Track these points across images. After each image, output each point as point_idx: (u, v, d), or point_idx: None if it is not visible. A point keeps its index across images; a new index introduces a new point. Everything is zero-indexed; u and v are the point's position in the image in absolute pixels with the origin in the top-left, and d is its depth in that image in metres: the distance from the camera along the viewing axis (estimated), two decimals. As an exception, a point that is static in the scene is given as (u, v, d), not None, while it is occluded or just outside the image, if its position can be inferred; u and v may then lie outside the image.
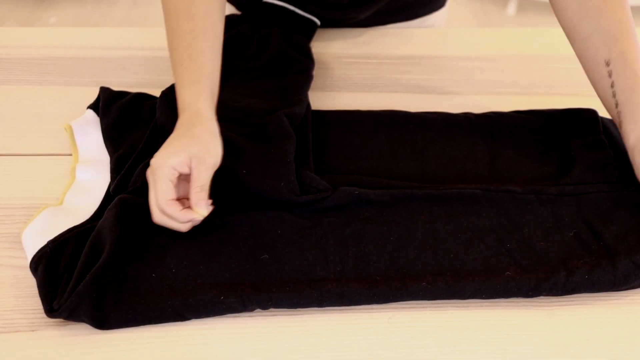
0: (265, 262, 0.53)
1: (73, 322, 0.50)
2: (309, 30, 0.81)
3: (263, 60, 0.75)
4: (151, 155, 0.54)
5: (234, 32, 0.77)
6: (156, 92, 0.68)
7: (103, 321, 0.49)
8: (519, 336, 0.50)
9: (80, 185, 0.60)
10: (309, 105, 0.69)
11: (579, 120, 0.67)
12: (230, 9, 0.88)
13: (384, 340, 0.50)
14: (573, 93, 0.76)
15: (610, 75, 0.60)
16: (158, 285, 0.51)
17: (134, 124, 0.66)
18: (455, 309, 0.52)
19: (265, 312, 0.52)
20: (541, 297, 0.53)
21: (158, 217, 0.53)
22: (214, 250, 0.54)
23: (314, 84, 0.74)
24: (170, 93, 0.65)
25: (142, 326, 0.50)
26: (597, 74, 0.61)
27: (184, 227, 0.54)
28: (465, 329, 0.51)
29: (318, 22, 0.81)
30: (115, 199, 0.55)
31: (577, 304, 0.53)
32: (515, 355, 0.49)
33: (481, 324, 0.51)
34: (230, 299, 0.50)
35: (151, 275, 0.52)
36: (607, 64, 0.60)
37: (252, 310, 0.51)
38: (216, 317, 0.51)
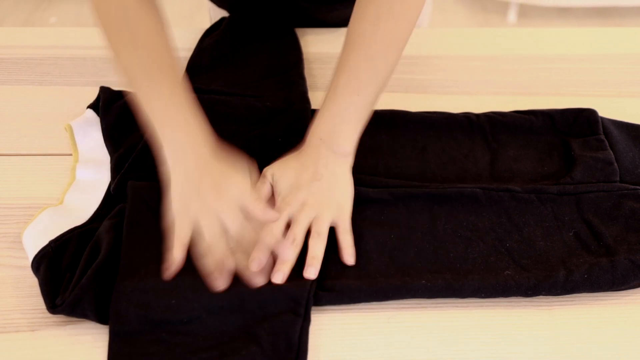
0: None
1: (74, 322, 0.50)
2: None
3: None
4: (151, 155, 0.54)
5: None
6: (156, 92, 0.68)
7: (106, 315, 0.49)
8: (519, 336, 0.50)
9: (80, 185, 0.60)
10: (309, 105, 0.69)
11: (579, 120, 0.67)
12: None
13: (384, 340, 0.50)
14: (573, 93, 0.76)
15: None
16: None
17: (134, 123, 0.66)
18: (455, 308, 0.52)
19: (266, 312, 0.52)
20: (541, 296, 0.53)
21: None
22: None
23: (314, 84, 0.74)
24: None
25: (142, 326, 0.50)
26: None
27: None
28: (465, 328, 0.51)
29: None
30: (116, 208, 0.56)
31: (577, 303, 0.53)
32: (515, 355, 0.49)
33: (481, 324, 0.51)
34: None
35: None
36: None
37: (252, 309, 0.51)
38: (216, 316, 0.51)
